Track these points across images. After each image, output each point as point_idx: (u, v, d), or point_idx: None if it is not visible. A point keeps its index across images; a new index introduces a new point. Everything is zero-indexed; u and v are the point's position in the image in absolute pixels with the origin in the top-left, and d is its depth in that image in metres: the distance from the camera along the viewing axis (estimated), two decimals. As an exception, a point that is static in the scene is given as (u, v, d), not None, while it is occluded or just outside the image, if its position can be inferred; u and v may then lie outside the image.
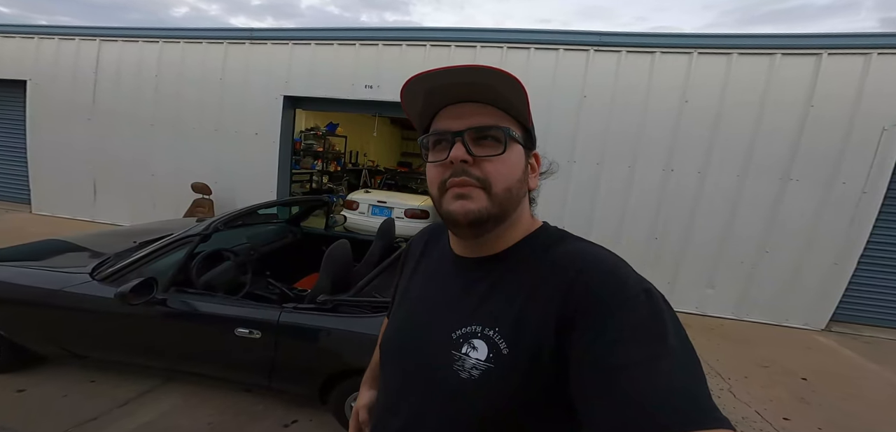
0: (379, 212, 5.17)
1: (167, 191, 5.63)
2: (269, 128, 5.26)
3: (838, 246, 3.67)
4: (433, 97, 0.51)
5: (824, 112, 3.51)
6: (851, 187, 3.53)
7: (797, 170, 3.64)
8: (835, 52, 3.45)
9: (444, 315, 0.53)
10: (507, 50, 4.28)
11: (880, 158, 3.42)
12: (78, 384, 2.05)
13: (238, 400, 2.04)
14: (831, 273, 3.73)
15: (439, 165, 0.51)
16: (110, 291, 1.84)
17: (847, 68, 3.44)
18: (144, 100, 5.57)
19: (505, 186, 0.50)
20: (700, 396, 0.34)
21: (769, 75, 3.63)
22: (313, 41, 4.97)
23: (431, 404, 0.51)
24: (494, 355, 0.46)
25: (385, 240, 2.81)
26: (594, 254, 0.48)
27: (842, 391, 2.73)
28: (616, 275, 0.44)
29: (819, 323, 3.83)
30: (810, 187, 3.63)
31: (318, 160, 7.89)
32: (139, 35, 5.59)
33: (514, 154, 0.51)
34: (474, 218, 0.49)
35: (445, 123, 0.51)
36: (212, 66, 5.38)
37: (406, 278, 0.68)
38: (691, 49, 3.82)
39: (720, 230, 3.92)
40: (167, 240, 2.07)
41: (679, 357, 0.37)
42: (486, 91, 0.49)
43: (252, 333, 1.79)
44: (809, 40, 3.54)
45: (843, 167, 3.53)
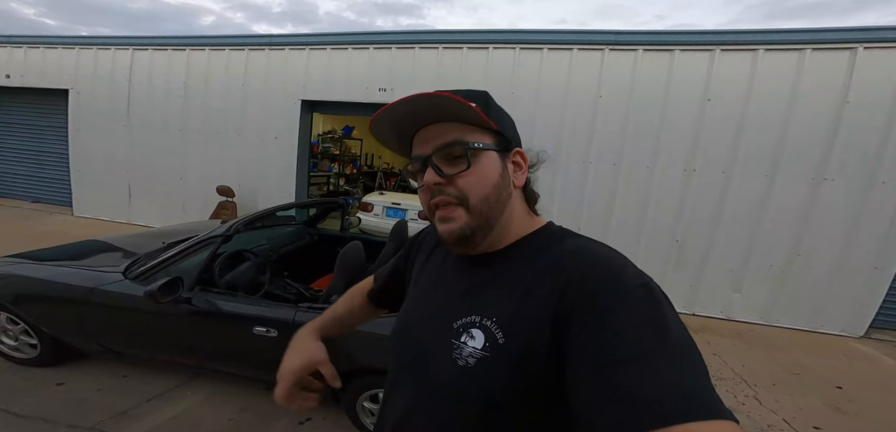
0: (393, 213, 5.23)
1: (195, 194, 5.90)
2: (288, 131, 5.43)
3: (878, 249, 3.44)
4: (399, 126, 0.54)
5: (861, 109, 3.31)
6: (892, 187, 3.30)
7: (832, 170, 3.44)
8: (871, 46, 3.24)
9: (447, 306, 0.55)
10: (520, 50, 4.24)
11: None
12: (111, 379, 2.18)
13: (258, 399, 2.12)
14: (871, 277, 3.50)
15: (423, 190, 0.53)
16: (141, 290, 1.96)
17: (885, 62, 3.22)
18: (174, 107, 5.85)
19: (481, 196, 0.51)
20: (701, 389, 0.34)
21: (799, 72, 3.44)
22: (329, 46, 5.08)
23: (431, 391, 0.52)
24: (490, 344, 0.47)
25: (397, 242, 2.85)
26: (592, 249, 0.49)
27: (881, 400, 2.56)
28: (613, 270, 0.44)
29: (857, 329, 3.60)
30: (846, 188, 3.42)
31: (335, 163, 8.06)
32: (168, 44, 5.87)
33: (484, 163, 0.52)
34: (458, 237, 0.51)
35: (418, 149, 0.54)
36: (234, 72, 5.60)
37: (415, 271, 0.70)
38: (713, 46, 3.67)
39: (747, 233, 3.74)
40: (192, 241, 2.17)
41: (679, 350, 0.37)
42: (439, 111, 0.50)
43: (269, 332, 1.85)
44: (843, 34, 3.33)
45: (882, 166, 3.31)
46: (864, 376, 2.89)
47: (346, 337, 1.81)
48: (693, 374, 0.35)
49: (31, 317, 2.14)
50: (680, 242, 3.94)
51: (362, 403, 1.89)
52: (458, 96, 0.48)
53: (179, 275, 1.91)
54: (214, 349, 2.03)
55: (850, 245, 3.50)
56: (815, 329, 3.67)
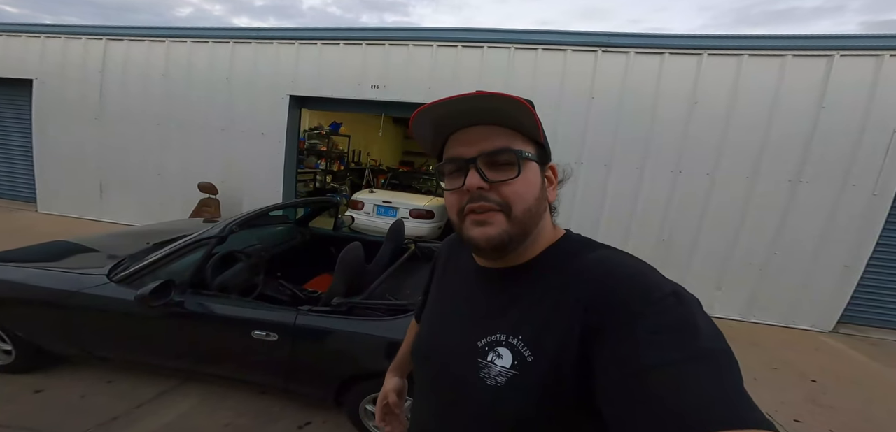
0: (384, 212, 5.17)
1: (174, 190, 5.65)
2: (276, 127, 5.27)
3: (848, 248, 3.66)
4: (441, 124, 0.52)
5: (836, 114, 3.50)
6: (861, 190, 3.52)
7: (808, 173, 3.63)
8: (847, 54, 3.43)
9: (470, 324, 0.54)
10: (514, 50, 4.26)
11: (890, 161, 3.41)
12: (96, 384, 2.07)
13: (255, 402, 2.06)
14: (841, 275, 3.71)
15: (456, 192, 0.51)
16: (127, 293, 1.86)
17: (859, 70, 3.42)
18: (151, 99, 5.58)
19: (524, 207, 0.50)
20: (735, 396, 0.33)
21: (780, 77, 3.61)
22: (320, 41, 4.97)
23: (460, 410, 0.52)
24: (519, 362, 0.47)
25: (395, 242, 2.82)
26: (619, 260, 0.48)
27: (852, 393, 2.73)
28: (642, 280, 0.44)
29: (826, 324, 3.82)
30: (821, 190, 3.62)
31: (322, 159, 7.90)
32: (146, 34, 5.60)
33: (530, 173, 0.51)
34: (496, 244, 0.49)
35: (458, 149, 0.51)
36: (218, 65, 5.39)
37: (436, 283, 0.70)
38: (701, 50, 3.80)
39: (729, 232, 3.91)
40: (183, 243, 2.08)
41: (712, 357, 0.36)
42: (494, 113, 0.49)
43: (269, 336, 1.80)
44: (821, 41, 3.51)
45: (853, 169, 3.51)
46: (835, 370, 3.07)
47: (348, 342, 1.79)
48: (727, 381, 0.34)
49: (5, 322, 1.99)
50: (666, 241, 4.07)
51: (365, 406, 1.86)
52: (525, 102, 0.47)
53: (169, 277, 1.83)
54: (210, 353, 1.95)
55: (823, 244, 3.70)
56: (788, 324, 3.88)
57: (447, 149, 0.53)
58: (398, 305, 1.87)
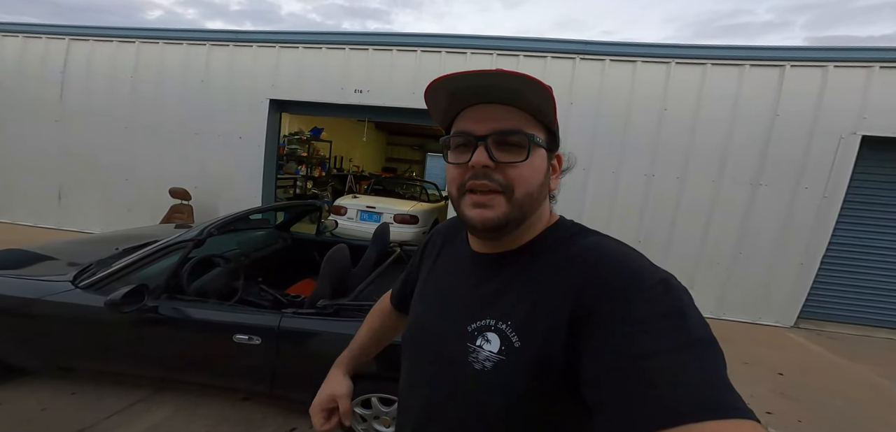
0: (368, 217, 5.12)
1: (142, 196, 5.38)
2: (254, 131, 5.14)
3: (803, 247, 3.92)
4: (457, 97, 0.51)
5: (788, 121, 3.78)
6: (813, 192, 3.81)
7: (766, 176, 3.89)
8: (797, 65, 3.73)
9: (460, 309, 0.54)
10: (497, 56, 4.37)
11: (838, 165, 3.71)
12: (57, 397, 1.93)
13: (236, 410, 1.97)
14: (798, 273, 3.97)
15: (460, 167, 0.51)
16: (95, 299, 1.76)
17: (808, 80, 3.72)
18: (118, 101, 5.33)
19: (526, 192, 0.50)
20: (720, 386, 0.33)
21: (739, 85, 3.88)
22: (301, 45, 4.91)
23: (447, 395, 0.52)
24: (506, 348, 0.47)
25: (380, 245, 2.80)
26: (609, 246, 0.49)
27: (816, 384, 2.89)
28: (632, 267, 0.44)
29: (788, 320, 4.06)
30: (778, 192, 3.89)
31: (302, 165, 7.75)
32: (113, 34, 5.36)
33: (537, 158, 0.51)
34: (493, 225, 0.49)
35: (468, 125, 0.50)
36: (193, 67, 5.22)
37: (425, 271, 0.69)
38: (669, 59, 4.02)
39: (699, 233, 4.12)
40: (156, 246, 1.99)
41: (700, 347, 0.36)
42: (512, 94, 0.48)
43: (251, 339, 1.74)
44: (774, 52, 3.80)
45: (806, 173, 3.80)
46: (799, 363, 3.26)
47: (335, 344, 1.76)
48: (713, 371, 0.35)
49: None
50: (643, 242, 4.24)
51: (354, 410, 1.82)
52: (546, 86, 0.47)
53: (142, 282, 1.74)
54: (187, 359, 1.86)
55: (781, 244, 3.97)
56: (755, 321, 4.11)
57: (458, 123, 0.52)
58: None
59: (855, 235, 3.91)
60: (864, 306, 4.06)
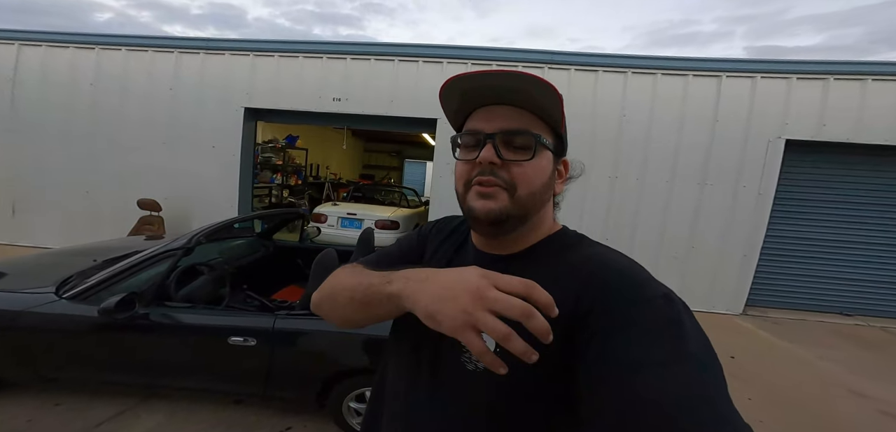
0: (349, 224, 5.17)
1: (107, 208, 5.15)
2: (228, 140, 5.07)
3: (744, 241, 4.37)
4: (469, 97, 0.53)
5: (726, 126, 4.23)
6: (750, 190, 4.28)
7: (711, 177, 4.33)
8: (731, 75, 4.19)
9: None
10: (471, 66, 4.60)
11: (768, 166, 4.20)
12: (42, 408, 1.90)
13: (228, 413, 2.01)
14: (742, 264, 4.40)
15: (468, 163, 0.52)
16: (82, 309, 1.77)
17: (740, 89, 4.19)
18: (78, 110, 5.09)
19: (529, 190, 0.51)
20: (717, 401, 0.33)
21: (685, 93, 4.30)
22: (277, 53, 4.92)
23: (438, 391, 0.52)
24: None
25: (365, 250, 2.91)
26: (611, 257, 0.49)
27: (764, 366, 3.15)
28: (632, 278, 0.44)
29: (737, 308, 4.45)
30: (721, 191, 4.33)
31: (278, 174, 7.63)
32: (70, 40, 5.13)
33: (543, 160, 0.52)
34: (495, 216, 0.50)
35: (478, 124, 0.52)
36: (160, 75, 5.09)
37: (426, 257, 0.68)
38: (626, 69, 4.39)
39: (658, 229, 4.50)
40: (144, 255, 2.01)
41: (699, 361, 0.36)
42: (522, 95, 0.50)
43: (247, 341, 1.81)
44: (713, 64, 4.25)
45: (743, 173, 4.26)
46: (747, 347, 3.56)
47: (329, 342, 1.85)
48: (711, 385, 0.35)
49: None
50: (608, 241, 4.55)
51: (349, 404, 1.92)
52: (556, 90, 0.48)
53: (129, 291, 1.77)
54: (180, 364, 1.89)
55: (726, 238, 4.40)
56: (709, 310, 4.51)
57: (469, 122, 0.54)
58: None
59: (787, 228, 4.42)
60: (799, 293, 4.54)
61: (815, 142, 4.08)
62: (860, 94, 3.93)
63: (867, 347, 3.62)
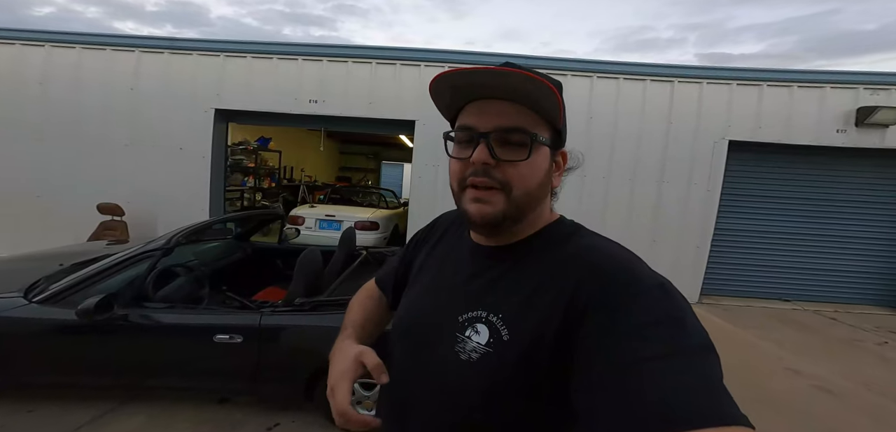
0: (327, 226, 5.14)
1: (61, 213, 4.85)
2: (197, 142, 4.91)
3: (697, 234, 4.76)
4: (461, 92, 0.51)
5: (679, 127, 4.62)
6: (700, 187, 4.68)
7: (667, 175, 4.70)
8: (683, 80, 4.59)
9: (454, 299, 0.54)
10: (448, 69, 4.71)
11: (714, 164, 4.63)
12: (14, 414, 1.83)
13: (213, 412, 2.00)
14: (696, 256, 4.79)
15: (462, 162, 0.51)
16: (56, 312, 1.73)
17: (690, 94, 4.59)
18: (25, 110, 4.78)
19: (525, 190, 0.49)
20: (715, 393, 0.33)
21: (644, 97, 4.64)
22: (249, 54, 4.83)
23: (433, 383, 0.52)
24: (494, 340, 0.47)
25: (347, 248, 2.96)
26: (608, 248, 0.49)
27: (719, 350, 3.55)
28: (629, 270, 0.44)
29: (693, 297, 4.79)
30: (676, 188, 4.71)
31: (250, 176, 7.41)
32: (15, 37, 4.80)
33: (539, 157, 0.50)
34: (490, 220, 0.50)
35: (472, 119, 0.50)
36: (119, 75, 4.86)
37: (421, 259, 0.68)
38: (592, 73, 4.67)
39: (622, 224, 4.80)
40: (120, 257, 1.97)
41: (697, 354, 0.36)
42: (517, 91, 0.48)
43: (233, 338, 1.82)
44: (667, 69, 4.64)
45: (694, 171, 4.66)
46: None
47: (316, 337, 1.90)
48: (709, 377, 0.34)
49: None
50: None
51: (335, 396, 1.96)
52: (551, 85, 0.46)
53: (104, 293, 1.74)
54: (163, 364, 1.87)
55: (681, 231, 4.78)
56: (671, 299, 4.88)
57: (462, 116, 0.52)
58: None
59: (732, 222, 4.88)
60: (745, 281, 4.99)
61: (753, 142, 4.55)
62: (789, 99, 4.44)
63: (802, 329, 4.03)
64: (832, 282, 4.91)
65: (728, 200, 4.77)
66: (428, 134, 4.70)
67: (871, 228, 4.76)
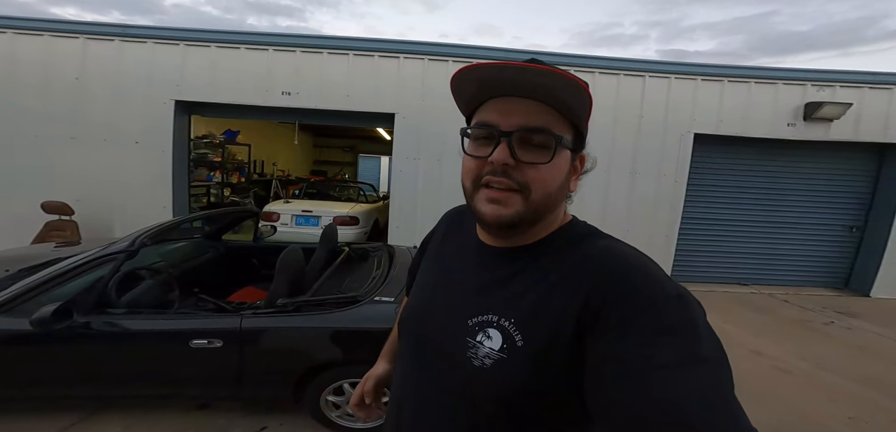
0: (304, 222, 4.95)
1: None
2: (156, 135, 4.55)
3: (666, 223, 5.01)
4: (485, 87, 0.48)
5: (649, 121, 4.82)
6: (668, 178, 4.93)
7: (639, 166, 4.91)
8: (653, 75, 4.77)
9: (463, 300, 0.53)
10: (428, 62, 4.62)
11: (681, 157, 4.89)
12: None
13: (195, 418, 1.89)
14: (665, 244, 5.04)
15: (478, 160, 0.48)
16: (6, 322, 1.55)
17: (659, 88, 4.79)
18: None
19: (544, 193, 0.48)
20: (731, 405, 0.33)
21: (617, 91, 4.79)
22: (213, 44, 4.51)
23: (443, 387, 0.51)
24: (508, 346, 0.45)
25: (329, 245, 2.86)
26: (623, 252, 0.47)
27: None
28: (647, 277, 0.43)
29: None
30: (647, 179, 4.92)
31: (216, 171, 6.98)
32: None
33: (561, 160, 0.48)
34: (507, 223, 0.48)
35: (494, 116, 0.48)
36: (61, 63, 4.43)
37: (429, 259, 0.67)
38: (569, 66, 4.78)
39: (599, 214, 4.97)
40: (77, 261, 1.79)
41: (711, 365, 0.36)
42: (544, 89, 0.45)
43: (212, 343, 1.71)
44: (638, 65, 4.79)
45: (663, 163, 4.89)
46: None
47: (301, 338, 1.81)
48: (722, 389, 0.34)
49: None
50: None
51: (326, 398, 1.90)
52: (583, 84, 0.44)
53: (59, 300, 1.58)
54: (133, 373, 1.73)
55: (653, 221, 5.01)
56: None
57: (482, 112, 0.50)
58: (346, 298, 1.96)
59: (698, 211, 5.18)
60: (708, 268, 5.32)
61: (715, 135, 4.84)
62: (746, 94, 4.75)
63: (760, 311, 4.32)
64: (784, 266, 5.34)
65: (694, 190, 5.05)
66: (408, 127, 4.62)
67: (816, 215, 5.21)
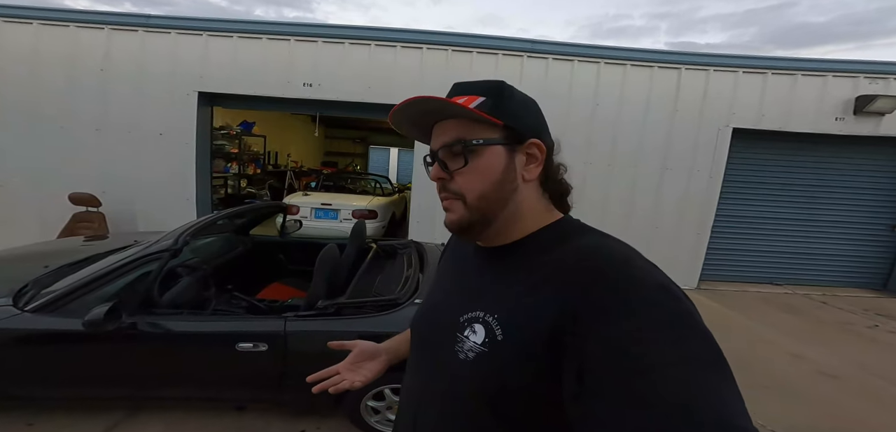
0: (324, 215, 4.91)
1: (25, 205, 4.49)
2: (179, 127, 4.55)
3: (698, 220, 4.83)
4: (418, 123, 0.56)
5: (684, 115, 4.62)
6: (702, 174, 4.75)
7: (671, 162, 4.74)
8: (690, 68, 4.54)
9: (458, 300, 0.56)
10: (451, 52, 4.49)
11: (718, 152, 4.70)
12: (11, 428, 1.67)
13: (234, 421, 1.86)
14: (696, 241, 4.87)
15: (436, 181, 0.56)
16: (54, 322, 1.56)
17: (696, 81, 4.58)
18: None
19: (477, 194, 0.52)
20: (723, 403, 0.32)
21: (650, 85, 4.57)
22: (235, 34, 4.45)
23: (436, 383, 0.54)
24: (490, 340, 0.47)
25: (358, 242, 2.81)
26: (607, 245, 0.47)
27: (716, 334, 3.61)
28: (627, 269, 0.42)
29: (692, 282, 4.91)
30: (679, 174, 4.74)
31: (233, 162, 6.99)
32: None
33: (485, 159, 0.51)
34: (457, 228, 0.54)
35: (432, 142, 0.56)
36: (85, 54, 4.42)
37: (442, 266, 0.73)
38: (599, 59, 4.52)
39: (625, 210, 4.83)
40: (126, 258, 1.77)
41: (700, 361, 0.34)
42: (444, 110, 0.52)
43: (257, 346, 1.67)
44: (673, 57, 4.56)
45: (697, 158, 4.71)
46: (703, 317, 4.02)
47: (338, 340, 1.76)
48: (713, 386, 0.33)
49: None
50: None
51: (367, 403, 1.85)
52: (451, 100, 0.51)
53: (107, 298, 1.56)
54: (179, 375, 1.71)
55: (683, 217, 4.83)
56: (667, 285, 4.97)
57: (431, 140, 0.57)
58: (386, 300, 1.90)
59: (733, 208, 4.97)
60: (741, 267, 5.14)
61: (756, 130, 4.62)
62: (791, 87, 4.50)
63: (797, 313, 4.14)
64: (821, 265, 5.13)
65: (730, 186, 4.85)
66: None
67: (857, 213, 4.97)
